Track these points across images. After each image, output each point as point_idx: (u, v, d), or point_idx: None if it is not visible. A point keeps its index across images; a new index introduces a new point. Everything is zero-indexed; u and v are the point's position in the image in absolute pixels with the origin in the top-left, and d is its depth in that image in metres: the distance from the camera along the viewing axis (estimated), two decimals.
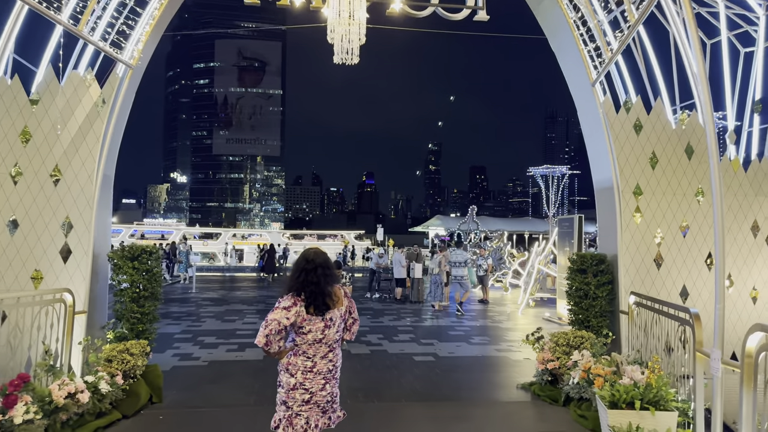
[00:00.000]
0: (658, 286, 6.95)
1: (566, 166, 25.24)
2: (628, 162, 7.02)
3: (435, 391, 6.95)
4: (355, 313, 3.85)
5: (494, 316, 13.75)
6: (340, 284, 3.76)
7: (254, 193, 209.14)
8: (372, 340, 10.23)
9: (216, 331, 10.84)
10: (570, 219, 13.37)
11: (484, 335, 11.03)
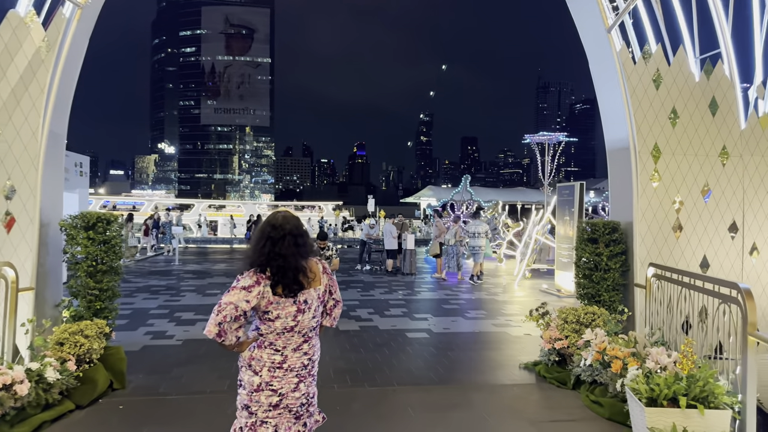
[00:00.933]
0: (677, 257, 6.29)
1: (563, 134, 24.40)
2: (645, 119, 6.28)
3: (430, 372, 6.31)
4: (336, 294, 3.11)
5: (489, 289, 13.15)
6: (318, 257, 3.03)
7: (243, 165, 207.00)
8: (362, 315, 9.58)
9: (195, 307, 10.14)
10: (570, 186, 12.67)
11: (479, 309, 10.42)
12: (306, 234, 2.82)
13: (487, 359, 7.03)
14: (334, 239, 33.06)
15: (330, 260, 8.46)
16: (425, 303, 11.07)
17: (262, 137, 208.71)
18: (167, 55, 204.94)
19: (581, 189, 12.39)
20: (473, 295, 12.09)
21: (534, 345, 7.38)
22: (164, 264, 17.73)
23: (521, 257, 14.87)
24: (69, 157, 17.33)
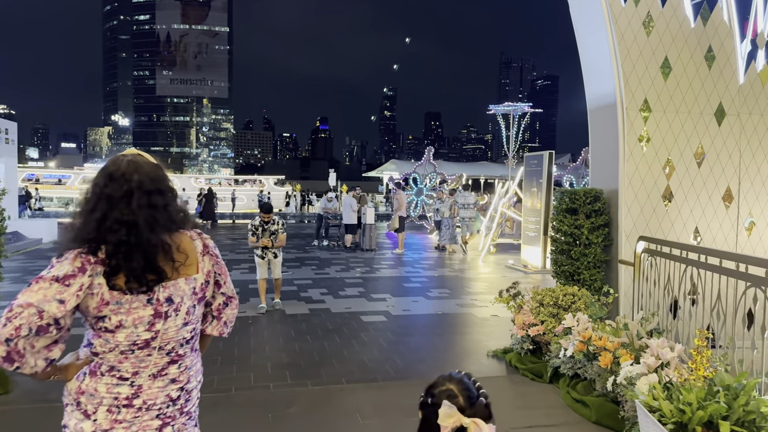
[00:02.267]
0: (666, 229, 5.54)
1: (527, 104, 23.67)
2: (635, 70, 5.43)
3: (386, 364, 5.42)
4: (227, 286, 2.00)
5: (453, 265, 12.37)
6: (199, 231, 1.95)
7: (201, 138, 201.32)
8: (313, 296, 8.63)
9: None
10: (539, 156, 11.92)
11: (443, 287, 9.61)
12: (170, 191, 1.79)
13: (452, 346, 6.20)
14: (295, 215, 31.88)
15: (275, 236, 7.44)
16: (384, 281, 10.19)
17: (221, 109, 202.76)
18: (120, 23, 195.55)
19: (550, 158, 11.65)
20: (436, 272, 11.28)
21: (503, 328, 6.59)
22: None
23: (486, 231, 14.13)
24: None
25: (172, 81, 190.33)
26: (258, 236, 7.45)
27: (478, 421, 1.45)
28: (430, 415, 1.50)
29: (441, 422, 1.43)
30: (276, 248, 7.56)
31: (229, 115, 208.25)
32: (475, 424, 1.43)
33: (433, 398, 1.53)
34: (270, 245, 7.40)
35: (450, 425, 1.42)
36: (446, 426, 1.42)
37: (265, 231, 7.47)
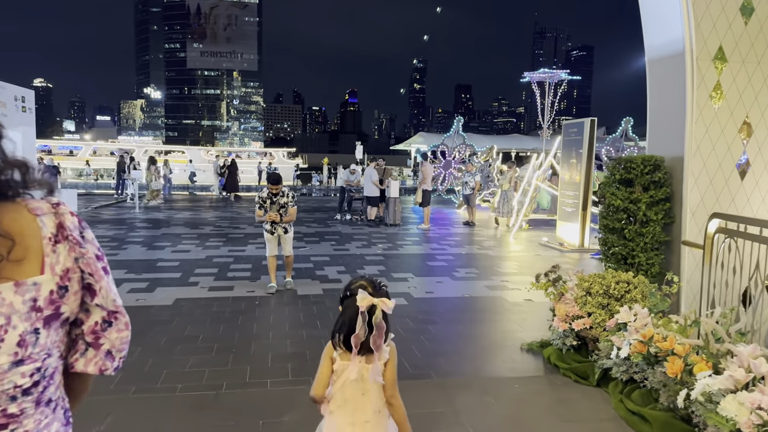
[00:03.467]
0: (740, 205, 4.63)
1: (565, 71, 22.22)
2: (708, 11, 4.47)
3: (403, 358, 4.71)
4: (104, 293, 1.14)
5: (482, 242, 11.55)
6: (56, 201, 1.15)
7: (232, 111, 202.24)
8: (329, 275, 7.96)
9: (132, 263, 8.48)
10: (579, 124, 10.90)
11: (470, 266, 8.83)
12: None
13: (480, 336, 5.45)
14: (322, 188, 31.32)
15: (285, 209, 6.75)
16: (407, 259, 9.46)
17: (251, 82, 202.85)
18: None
19: (592, 126, 10.62)
20: (463, 250, 10.49)
21: (539, 316, 5.81)
22: (125, 211, 15.95)
23: (518, 206, 13.22)
24: (5, 90, 15.27)
25: (202, 54, 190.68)
26: (265, 209, 6.77)
27: (384, 300, 1.96)
28: (348, 303, 2.00)
29: (359, 304, 1.91)
30: (285, 223, 6.87)
31: (258, 88, 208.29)
32: (382, 302, 1.94)
33: (351, 292, 2.01)
34: (278, 219, 6.71)
35: (365, 305, 1.92)
36: (362, 306, 1.91)
37: (273, 203, 6.78)
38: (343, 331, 2.01)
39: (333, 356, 2.08)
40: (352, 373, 2.02)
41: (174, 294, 6.65)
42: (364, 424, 2.03)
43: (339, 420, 2.05)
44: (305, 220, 14.46)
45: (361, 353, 2.00)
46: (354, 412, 2.04)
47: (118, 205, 18.38)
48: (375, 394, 2.05)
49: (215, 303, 6.30)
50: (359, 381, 2.03)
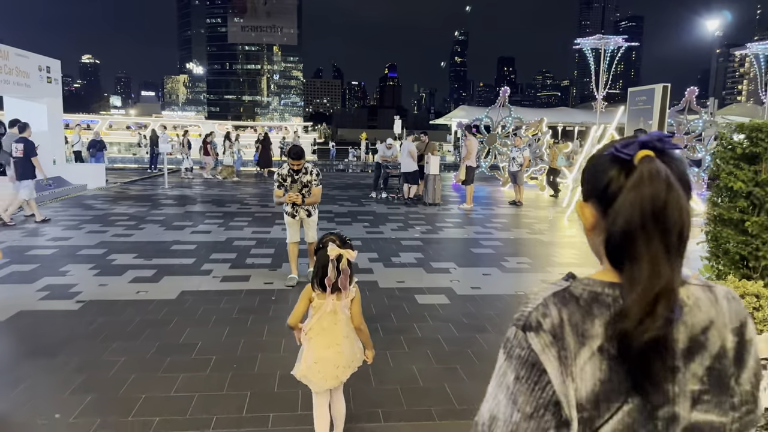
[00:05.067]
0: None
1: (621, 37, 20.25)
2: None
3: (446, 383, 3.68)
4: None
5: (532, 225, 10.35)
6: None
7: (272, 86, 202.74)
8: (360, 263, 6.98)
9: (143, 245, 7.70)
10: (648, 91, 9.50)
11: (521, 255, 7.70)
12: None
13: None
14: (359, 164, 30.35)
15: (308, 189, 5.77)
16: (449, 245, 8.38)
17: (290, 57, 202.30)
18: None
19: (665, 93, 9.22)
20: (511, 234, 9.34)
21: None
22: (150, 187, 15.35)
23: (574, 184, 11.90)
24: (29, 59, 14.62)
25: (243, 28, 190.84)
26: (286, 189, 5.80)
27: (349, 251, 2.53)
28: (321, 254, 2.55)
29: (329, 254, 2.49)
30: (309, 205, 5.89)
31: (298, 63, 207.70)
32: (347, 252, 2.52)
33: (323, 245, 2.56)
34: (299, 201, 5.73)
35: (334, 255, 2.49)
36: (332, 255, 2.48)
37: (294, 182, 5.80)
38: (318, 275, 2.55)
39: (312, 296, 2.62)
40: (327, 307, 2.56)
41: (181, 285, 5.80)
42: (335, 346, 2.61)
43: (317, 344, 2.61)
44: (338, 198, 13.51)
45: (333, 292, 2.56)
46: (328, 337, 2.61)
47: (150, 179, 17.86)
48: (344, 324, 2.62)
49: (225, 297, 5.41)
50: (332, 314, 2.59)
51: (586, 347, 0.83)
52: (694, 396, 0.84)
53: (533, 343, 0.85)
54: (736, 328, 0.89)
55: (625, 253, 0.85)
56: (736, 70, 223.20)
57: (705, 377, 0.85)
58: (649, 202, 0.82)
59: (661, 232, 0.82)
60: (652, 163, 0.84)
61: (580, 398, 0.81)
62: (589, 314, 0.84)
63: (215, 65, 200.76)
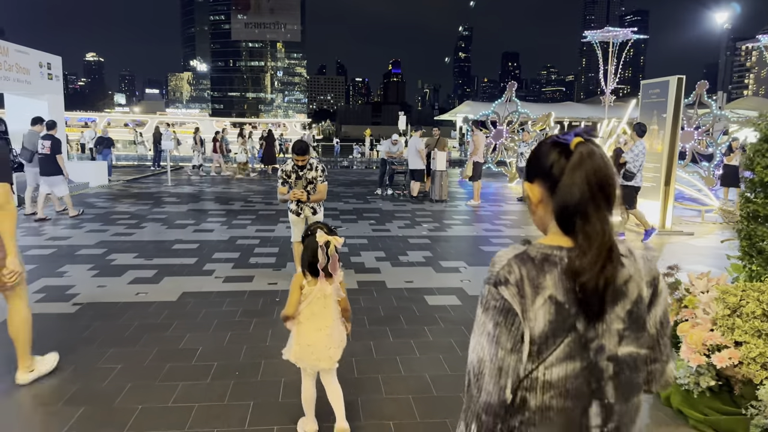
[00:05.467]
0: None
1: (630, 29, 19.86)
2: None
3: (461, 391, 3.46)
4: None
5: None
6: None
7: (276, 83, 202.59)
8: (366, 262, 6.76)
9: (144, 244, 7.50)
10: (662, 83, 9.22)
11: None
12: None
13: None
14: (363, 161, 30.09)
15: (313, 185, 5.55)
16: (458, 243, 8.15)
17: (294, 54, 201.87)
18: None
19: (679, 86, 8.94)
20: (522, 231, 9.11)
21: None
22: (153, 185, 15.17)
23: None
24: (30, 56, 14.44)
25: (246, 25, 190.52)
26: (290, 185, 5.58)
27: (336, 237, 2.66)
28: (309, 241, 2.69)
29: (318, 240, 2.60)
30: (314, 202, 5.67)
31: (302, 60, 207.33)
32: (335, 239, 2.64)
33: (311, 232, 2.71)
34: (304, 198, 5.51)
35: (323, 241, 2.60)
36: (321, 241, 2.59)
37: (299, 179, 5.58)
38: (308, 261, 2.71)
39: (302, 284, 2.75)
40: (325, 290, 2.72)
41: (182, 286, 5.60)
42: (325, 329, 2.76)
43: (308, 328, 2.75)
44: (343, 195, 13.29)
45: (324, 277, 2.71)
46: (319, 321, 2.75)
47: (153, 177, 17.68)
48: (333, 307, 2.79)
49: (227, 299, 5.21)
50: (323, 298, 2.74)
51: (539, 296, 1.03)
52: (619, 333, 1.06)
53: (505, 294, 1.04)
54: (650, 281, 1.11)
55: (578, 219, 1.02)
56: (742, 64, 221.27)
57: (626, 318, 1.07)
58: (593, 175, 1.01)
59: (605, 198, 1.02)
60: (587, 145, 1.03)
61: (534, 335, 1.03)
62: (541, 271, 1.04)
63: (219, 62, 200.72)
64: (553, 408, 1.05)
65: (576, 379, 1.04)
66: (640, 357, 1.10)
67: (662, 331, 1.15)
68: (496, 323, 1.04)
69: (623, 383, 1.08)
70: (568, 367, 1.04)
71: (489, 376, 1.05)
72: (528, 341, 1.03)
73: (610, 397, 1.07)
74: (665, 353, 1.17)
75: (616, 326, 1.06)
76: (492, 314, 1.06)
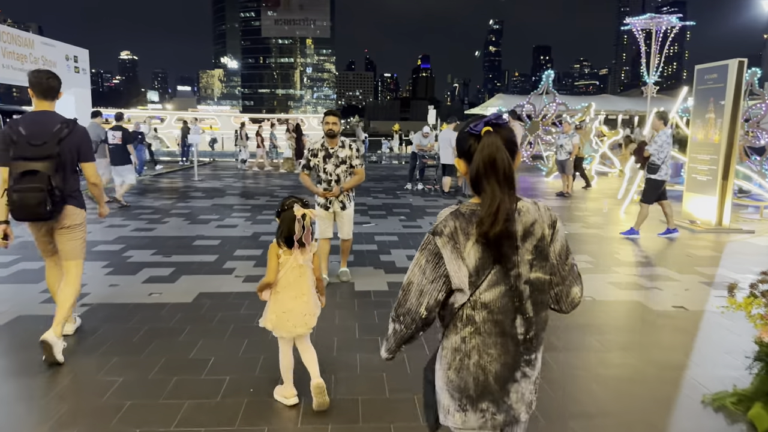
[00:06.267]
0: None
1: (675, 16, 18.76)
2: None
3: None
4: None
5: (586, 218, 9.44)
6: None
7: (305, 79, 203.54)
8: (397, 261, 6.25)
9: (164, 240, 7.15)
10: (721, 67, 8.44)
11: (581, 252, 6.84)
12: None
13: (625, 377, 3.54)
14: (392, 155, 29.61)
15: (347, 167, 5.03)
16: None
17: (323, 50, 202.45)
18: None
19: (740, 70, 8.17)
20: (565, 229, 8.45)
21: (709, 336, 3.88)
22: (181, 179, 14.93)
23: (631, 173, 10.90)
24: (56, 48, 14.30)
25: (276, 22, 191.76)
26: (317, 168, 5.08)
27: (311, 210, 2.80)
28: (286, 215, 2.81)
29: (295, 213, 2.74)
30: (348, 188, 5.12)
31: (331, 56, 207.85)
32: (310, 212, 2.78)
33: (287, 206, 2.82)
34: (337, 194, 5.02)
35: (299, 213, 2.73)
36: (298, 214, 2.72)
37: (329, 157, 5.06)
38: (284, 234, 2.83)
39: (278, 253, 2.87)
40: (298, 260, 2.86)
41: (199, 285, 5.18)
42: (302, 296, 2.90)
43: (284, 297, 2.89)
44: (372, 190, 12.81)
45: (300, 247, 2.84)
46: (295, 289, 2.89)
47: (181, 171, 17.50)
48: (308, 276, 2.92)
49: (246, 301, 4.76)
50: (298, 267, 2.88)
51: (470, 240, 1.40)
52: (529, 262, 1.45)
53: (437, 242, 1.43)
54: (550, 224, 1.50)
55: (480, 186, 1.41)
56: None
57: (533, 251, 1.45)
58: (487, 157, 1.39)
59: (494, 173, 1.39)
60: (489, 136, 1.41)
61: (470, 268, 1.40)
62: (470, 222, 1.41)
63: (249, 59, 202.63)
64: (490, 321, 1.41)
65: (503, 298, 1.41)
66: (546, 281, 1.47)
67: (561, 261, 1.52)
68: (427, 260, 1.43)
69: (536, 302, 1.45)
70: (495, 290, 1.40)
71: (413, 294, 1.45)
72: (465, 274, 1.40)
73: (529, 311, 1.44)
74: (567, 279, 1.53)
75: (527, 257, 1.43)
76: (426, 254, 1.45)
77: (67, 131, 3.55)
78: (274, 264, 2.86)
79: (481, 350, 1.41)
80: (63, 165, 3.56)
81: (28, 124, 3.51)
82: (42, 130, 3.49)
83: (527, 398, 1.49)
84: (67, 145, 3.55)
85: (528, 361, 1.46)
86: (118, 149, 9.88)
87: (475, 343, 1.42)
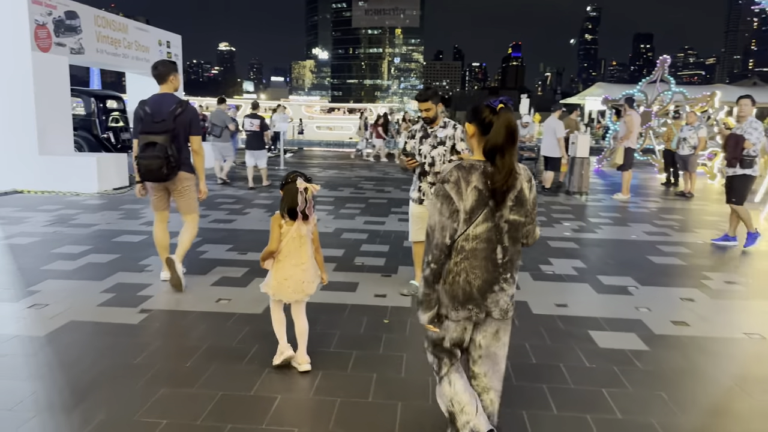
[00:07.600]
0: None
1: None
2: None
3: None
4: None
5: (717, 224, 7.97)
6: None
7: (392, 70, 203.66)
8: None
9: (241, 234, 6.64)
10: None
11: (723, 269, 5.55)
12: None
13: None
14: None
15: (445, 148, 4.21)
16: (615, 250, 6.40)
17: (412, 39, 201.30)
18: None
19: None
20: (697, 237, 7.11)
21: None
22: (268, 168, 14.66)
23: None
24: (150, 33, 14.35)
25: (366, 12, 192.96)
26: (416, 150, 4.32)
27: (313, 184, 2.99)
28: (289, 188, 2.97)
29: (298, 186, 2.91)
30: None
31: (419, 45, 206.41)
32: (312, 186, 2.97)
33: (290, 179, 2.98)
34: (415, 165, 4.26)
35: (302, 186, 2.91)
36: (300, 188, 2.90)
37: (425, 139, 4.27)
38: (287, 205, 2.97)
39: (281, 223, 3.03)
40: (301, 230, 3.02)
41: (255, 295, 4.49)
42: (302, 265, 3.07)
43: (285, 264, 3.06)
44: None
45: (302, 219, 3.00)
46: (295, 258, 3.06)
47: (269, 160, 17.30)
48: (307, 246, 3.09)
49: (323, 316, 4.02)
50: (298, 237, 3.03)
51: (469, 186, 1.90)
52: (510, 207, 1.96)
53: (447, 187, 1.93)
54: (527, 180, 2.00)
55: (497, 152, 1.88)
56: None
57: (514, 200, 1.96)
58: (510, 128, 1.88)
59: (512, 143, 1.89)
60: (507, 110, 1.91)
61: (466, 209, 1.91)
62: (469, 173, 1.91)
63: (339, 50, 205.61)
64: (477, 249, 1.95)
65: (489, 232, 1.95)
66: (520, 222, 2.00)
67: (532, 207, 2.04)
68: (442, 204, 1.93)
69: (512, 236, 1.99)
70: (483, 226, 1.94)
71: (437, 231, 1.94)
72: (462, 213, 1.91)
73: (506, 242, 1.98)
74: (534, 221, 2.06)
75: (509, 204, 1.95)
76: (440, 198, 1.94)
77: (181, 110, 4.33)
78: (277, 234, 3.03)
79: (468, 271, 1.97)
80: (177, 137, 4.34)
81: (151, 105, 4.32)
82: (161, 109, 4.29)
83: (501, 304, 2.03)
84: (180, 121, 4.33)
85: (505, 279, 2.02)
86: (256, 136, 10.55)
87: (464, 265, 1.97)
